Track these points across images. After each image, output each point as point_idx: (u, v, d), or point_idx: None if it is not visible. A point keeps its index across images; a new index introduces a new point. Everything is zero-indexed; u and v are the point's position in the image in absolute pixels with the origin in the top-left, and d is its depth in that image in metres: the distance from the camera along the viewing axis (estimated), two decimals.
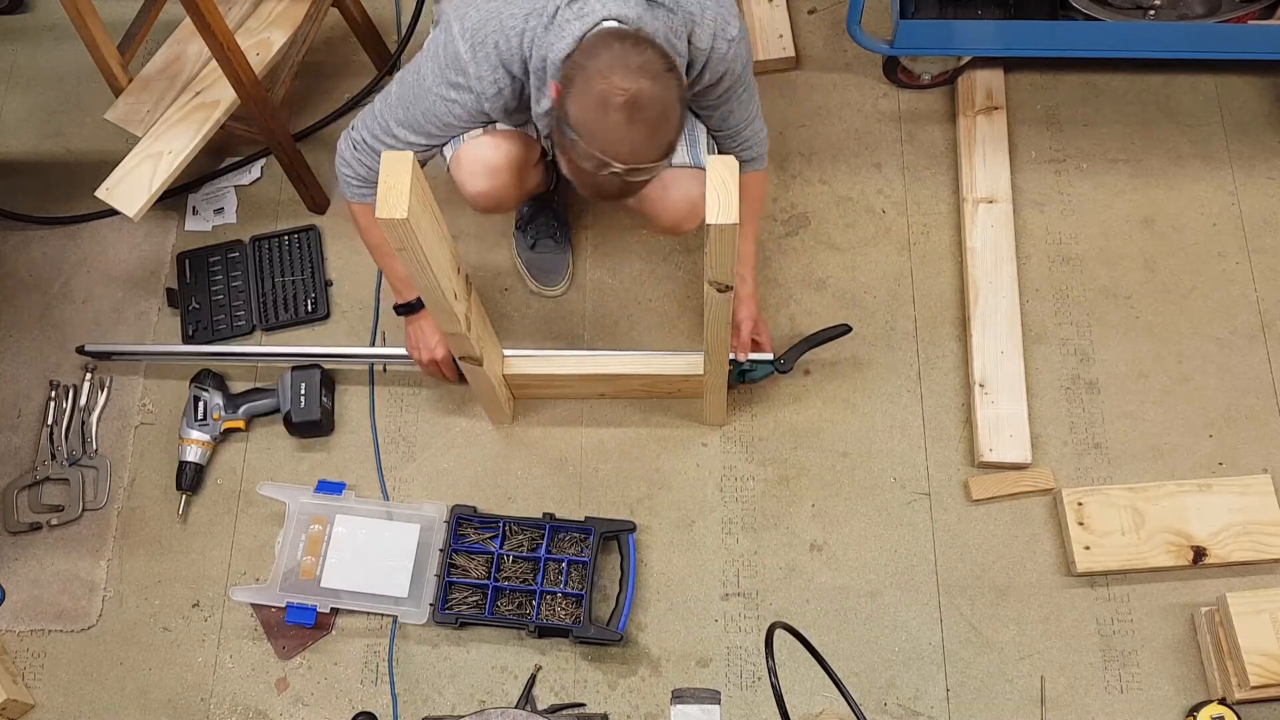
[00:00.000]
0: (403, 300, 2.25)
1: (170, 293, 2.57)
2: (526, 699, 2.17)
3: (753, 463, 2.38)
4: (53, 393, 2.49)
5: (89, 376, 2.50)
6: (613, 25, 1.76)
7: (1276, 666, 2.06)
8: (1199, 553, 2.21)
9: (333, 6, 2.54)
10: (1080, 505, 2.26)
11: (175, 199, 2.65)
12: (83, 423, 2.47)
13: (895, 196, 2.59)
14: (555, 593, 2.24)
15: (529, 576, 2.27)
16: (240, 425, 2.43)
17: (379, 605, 2.27)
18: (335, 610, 2.29)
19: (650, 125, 1.73)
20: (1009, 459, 2.32)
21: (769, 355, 2.32)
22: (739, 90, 2.01)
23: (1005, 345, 2.40)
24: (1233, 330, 2.44)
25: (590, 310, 2.53)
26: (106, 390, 2.49)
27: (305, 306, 2.55)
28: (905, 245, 2.55)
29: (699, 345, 2.10)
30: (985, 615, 2.24)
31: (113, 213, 2.40)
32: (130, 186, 2.36)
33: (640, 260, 2.56)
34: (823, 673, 1.60)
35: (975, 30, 2.47)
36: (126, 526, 2.39)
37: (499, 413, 2.39)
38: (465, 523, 2.30)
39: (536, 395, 2.43)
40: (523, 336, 2.50)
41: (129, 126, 2.41)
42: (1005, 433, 2.33)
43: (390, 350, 2.43)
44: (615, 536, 2.29)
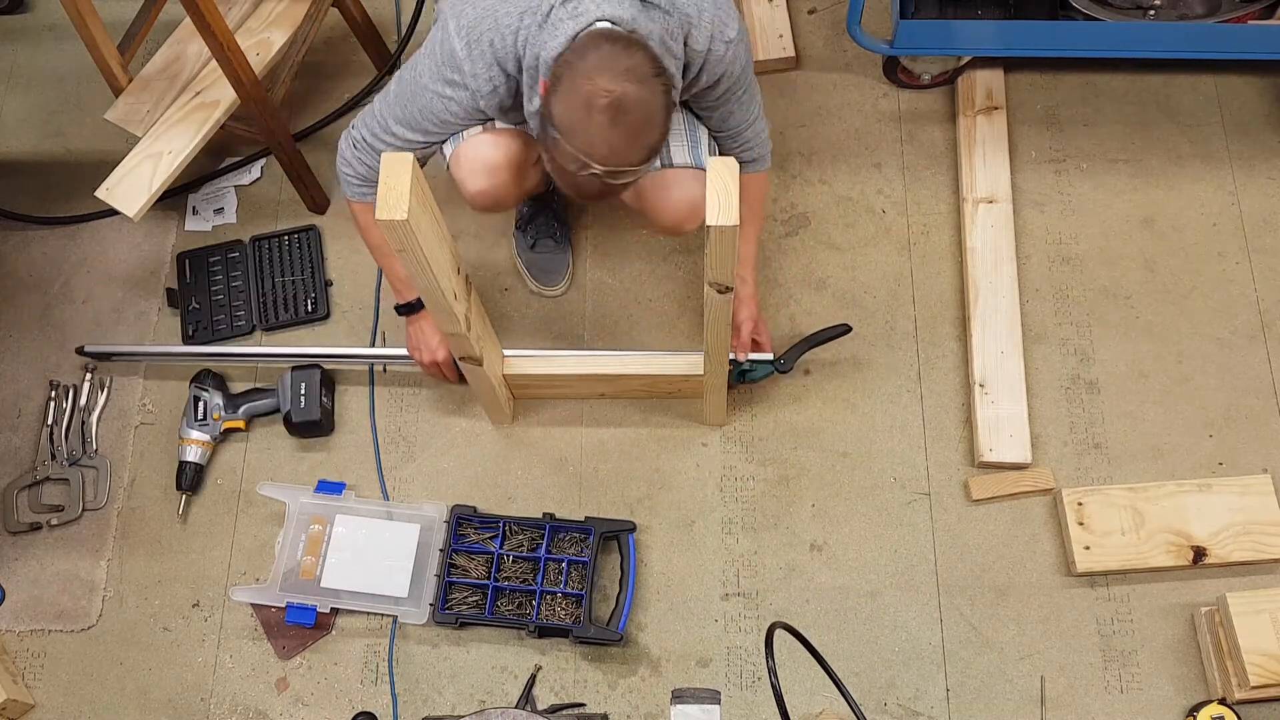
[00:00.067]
0: (403, 300, 2.25)
1: (170, 293, 2.57)
2: (526, 699, 2.17)
3: (753, 463, 2.38)
4: (53, 393, 2.49)
5: (89, 377, 2.50)
6: (605, 26, 1.76)
7: (1276, 666, 2.06)
8: (1199, 553, 2.21)
9: (333, 6, 2.53)
10: (1080, 505, 2.26)
11: (175, 199, 2.65)
12: (83, 423, 2.47)
13: (895, 196, 2.59)
14: (555, 593, 2.24)
15: (529, 576, 2.27)
16: (240, 425, 2.43)
17: (379, 605, 2.27)
18: (335, 610, 2.29)
19: (633, 129, 1.73)
20: (1009, 459, 2.32)
21: (769, 355, 2.32)
22: (739, 92, 2.01)
23: (1005, 345, 2.40)
24: (1233, 330, 2.44)
25: (590, 310, 2.53)
26: (106, 390, 2.49)
27: (305, 306, 2.55)
28: (905, 245, 2.55)
29: (699, 345, 2.10)
30: (985, 615, 2.24)
31: (113, 213, 2.40)
32: (130, 186, 2.36)
33: (640, 260, 2.56)
34: (823, 673, 1.60)
35: (975, 30, 2.47)
36: (126, 526, 2.39)
37: (499, 413, 2.39)
38: (465, 523, 2.30)
39: (536, 395, 2.43)
40: (523, 336, 2.49)
41: (129, 126, 2.41)
42: (1005, 433, 2.33)
43: (390, 350, 2.43)
44: (615, 536, 2.29)
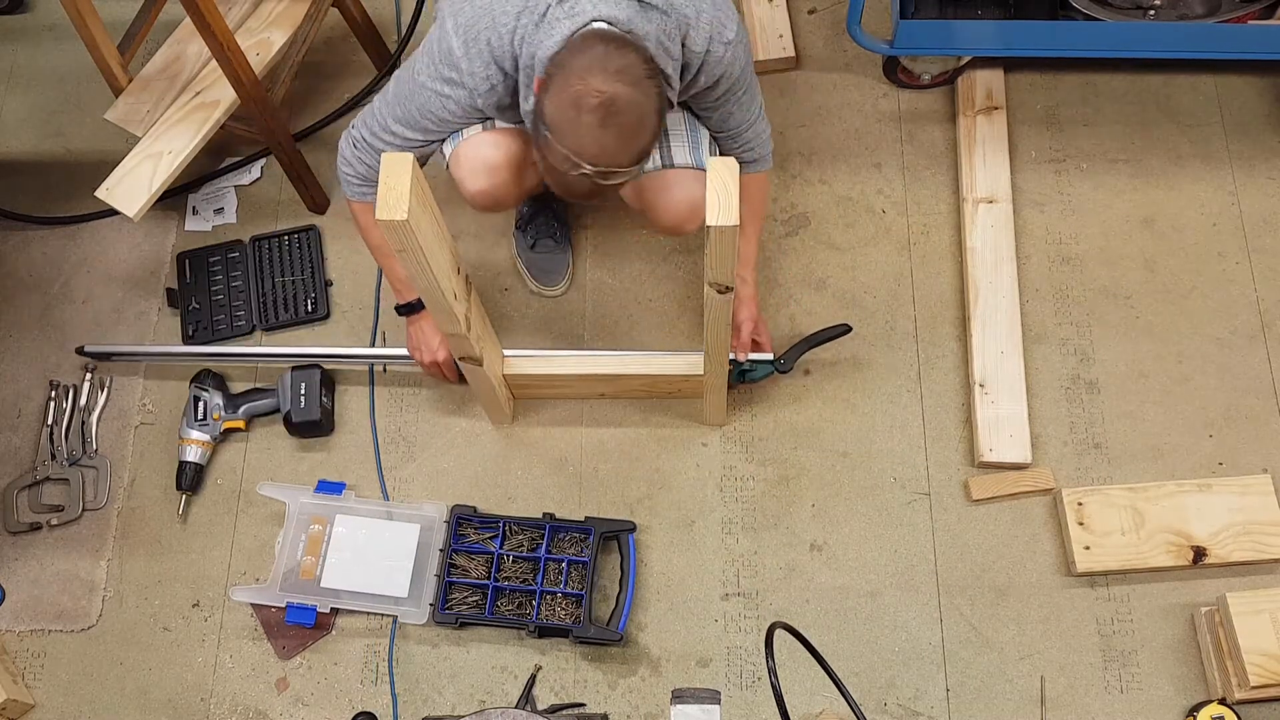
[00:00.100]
0: (404, 300, 2.25)
1: (170, 293, 2.57)
2: (526, 699, 2.17)
3: (753, 463, 2.38)
4: (53, 393, 2.49)
5: (89, 377, 2.50)
6: (601, 27, 1.75)
7: (1276, 666, 2.06)
8: (1199, 553, 2.21)
9: (333, 6, 2.54)
10: (1080, 505, 2.26)
11: (175, 199, 2.65)
12: (83, 423, 2.47)
13: (895, 196, 2.59)
14: (555, 593, 2.24)
15: (529, 576, 2.27)
16: (240, 425, 2.43)
17: (379, 605, 2.27)
18: (335, 610, 2.29)
19: (623, 130, 1.73)
20: (1009, 459, 2.32)
21: (769, 355, 2.32)
22: (738, 92, 2.00)
23: (1005, 345, 2.40)
24: (1233, 330, 2.44)
25: (590, 310, 2.53)
26: (106, 390, 2.49)
27: (305, 306, 2.55)
28: (905, 245, 2.55)
29: (699, 345, 2.10)
30: (985, 615, 2.24)
31: (113, 213, 2.40)
32: (130, 186, 2.36)
33: (640, 260, 2.56)
34: (823, 673, 1.60)
35: (975, 30, 2.47)
36: (126, 526, 2.39)
37: (499, 413, 2.39)
38: (465, 523, 2.30)
39: (536, 395, 2.43)
40: (523, 336, 2.49)
41: (129, 126, 2.41)
42: (1005, 433, 2.33)
43: (390, 350, 2.43)
44: (615, 536, 2.29)
